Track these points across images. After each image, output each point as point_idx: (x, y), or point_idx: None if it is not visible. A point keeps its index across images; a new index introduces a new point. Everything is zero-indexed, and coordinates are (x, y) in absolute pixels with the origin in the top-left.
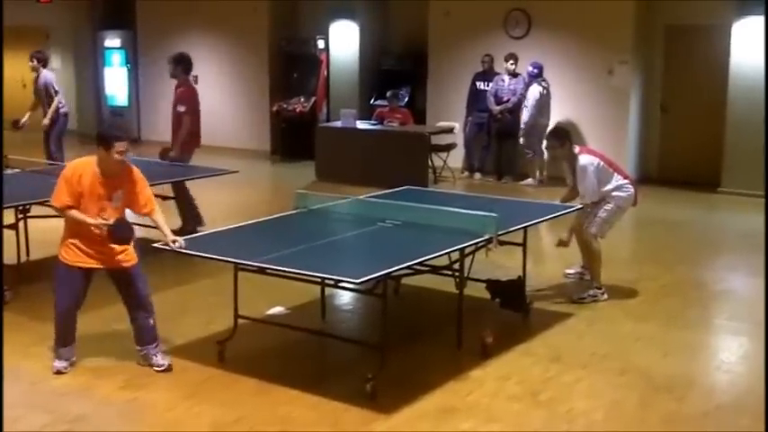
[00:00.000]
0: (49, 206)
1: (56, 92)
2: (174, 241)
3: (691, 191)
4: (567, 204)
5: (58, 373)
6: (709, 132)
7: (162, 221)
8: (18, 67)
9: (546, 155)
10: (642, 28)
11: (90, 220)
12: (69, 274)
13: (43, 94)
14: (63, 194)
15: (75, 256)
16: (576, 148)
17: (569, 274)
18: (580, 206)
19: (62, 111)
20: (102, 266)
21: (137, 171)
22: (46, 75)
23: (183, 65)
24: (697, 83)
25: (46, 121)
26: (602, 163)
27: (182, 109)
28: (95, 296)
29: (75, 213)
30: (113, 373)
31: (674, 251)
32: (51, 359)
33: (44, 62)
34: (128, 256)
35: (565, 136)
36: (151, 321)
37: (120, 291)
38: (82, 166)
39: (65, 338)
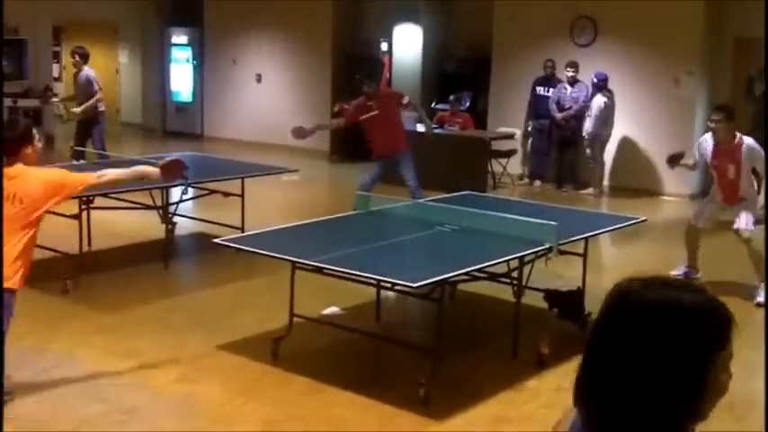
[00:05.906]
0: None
1: (99, 89)
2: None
3: None
4: (630, 216)
5: None
6: None
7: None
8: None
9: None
10: (711, 39)
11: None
12: None
13: (84, 90)
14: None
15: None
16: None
17: (675, 276)
18: (644, 219)
19: (101, 109)
20: None
21: None
22: (88, 71)
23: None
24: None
25: (78, 109)
26: None
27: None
28: (149, 288)
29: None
30: (168, 365)
31: (743, 265)
32: (108, 349)
33: (85, 58)
34: None
35: (732, 114)
36: None
37: None
38: None
39: None
